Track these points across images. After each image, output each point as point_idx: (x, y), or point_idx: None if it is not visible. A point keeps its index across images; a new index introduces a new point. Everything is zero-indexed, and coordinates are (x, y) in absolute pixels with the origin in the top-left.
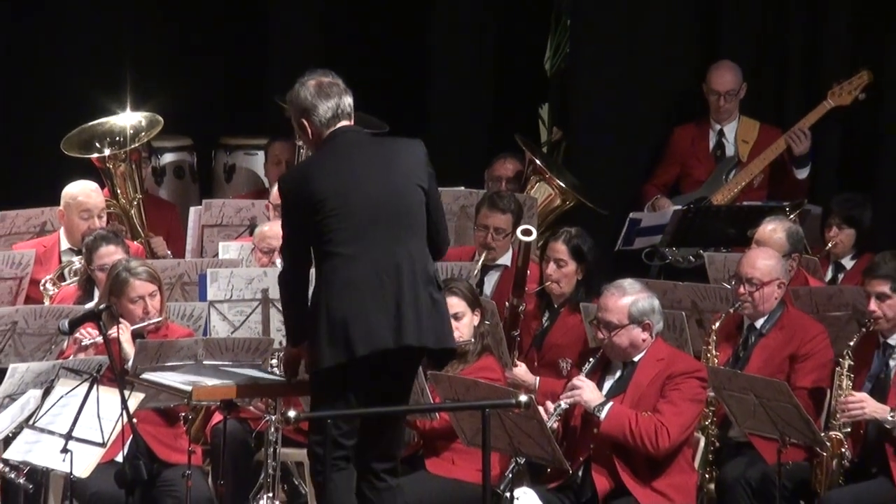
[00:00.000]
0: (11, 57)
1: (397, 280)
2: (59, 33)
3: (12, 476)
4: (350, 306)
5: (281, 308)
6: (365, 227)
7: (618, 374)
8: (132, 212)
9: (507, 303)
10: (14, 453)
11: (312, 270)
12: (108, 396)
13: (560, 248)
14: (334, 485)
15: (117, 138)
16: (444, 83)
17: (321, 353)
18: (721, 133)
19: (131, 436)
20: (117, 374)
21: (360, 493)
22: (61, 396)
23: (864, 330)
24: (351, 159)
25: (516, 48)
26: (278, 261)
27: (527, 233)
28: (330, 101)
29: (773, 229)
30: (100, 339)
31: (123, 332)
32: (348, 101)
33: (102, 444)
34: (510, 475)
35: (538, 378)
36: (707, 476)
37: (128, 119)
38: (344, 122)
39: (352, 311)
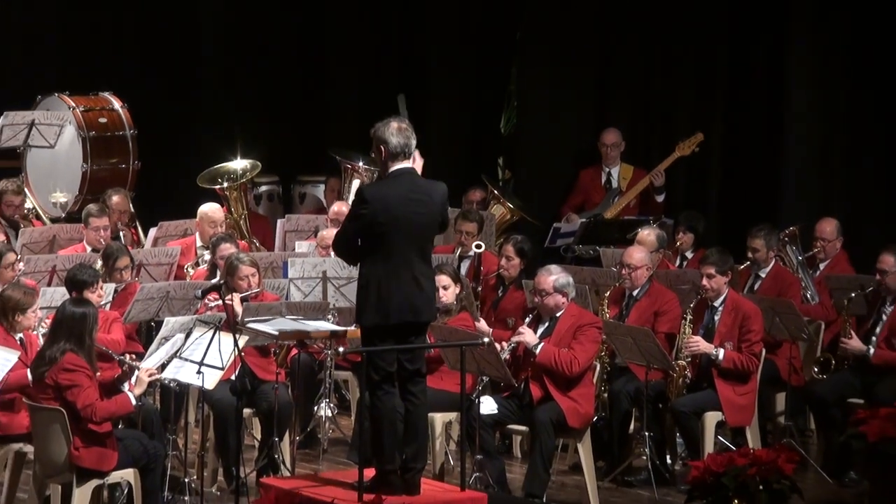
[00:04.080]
0: (163, 121)
1: (416, 276)
2: (193, 108)
3: (167, 383)
4: (391, 289)
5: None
6: (405, 240)
7: (546, 324)
8: (241, 222)
9: (470, 284)
10: (167, 373)
11: None
12: (226, 338)
13: (510, 249)
14: (381, 402)
15: (231, 175)
16: (437, 140)
17: (368, 313)
18: (609, 174)
19: (240, 363)
20: (231, 325)
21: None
22: (197, 338)
23: (699, 297)
24: (409, 195)
25: (483, 119)
26: (332, 254)
27: (478, 246)
28: (401, 139)
29: (649, 234)
30: (220, 303)
31: (235, 299)
32: (413, 142)
33: (222, 368)
34: (478, 388)
35: (492, 329)
36: (603, 388)
37: (238, 163)
38: (406, 163)
39: (392, 293)
